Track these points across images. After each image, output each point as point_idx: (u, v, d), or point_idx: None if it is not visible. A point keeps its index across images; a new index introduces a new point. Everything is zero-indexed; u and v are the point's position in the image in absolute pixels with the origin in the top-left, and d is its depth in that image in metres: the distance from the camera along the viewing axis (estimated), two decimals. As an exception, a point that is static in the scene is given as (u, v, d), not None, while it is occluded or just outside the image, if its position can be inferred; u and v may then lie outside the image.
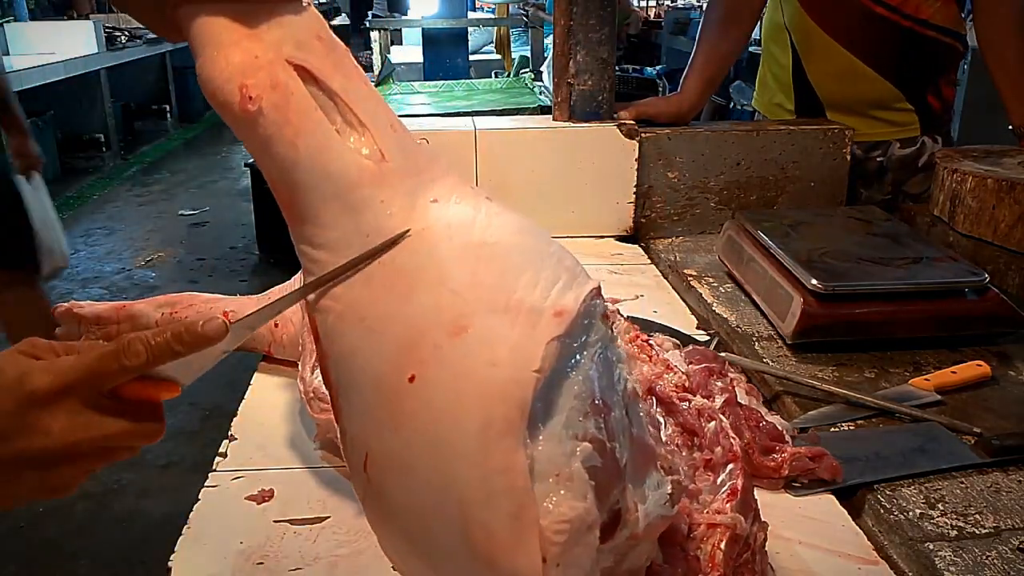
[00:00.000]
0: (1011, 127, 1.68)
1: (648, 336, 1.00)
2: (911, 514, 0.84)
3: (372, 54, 5.18)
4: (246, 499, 0.89)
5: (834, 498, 0.89)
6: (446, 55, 4.80)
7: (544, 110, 2.84)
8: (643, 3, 8.28)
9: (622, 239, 1.70)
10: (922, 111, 1.80)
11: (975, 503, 0.86)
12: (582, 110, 1.67)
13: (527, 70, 4.58)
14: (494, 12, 6.10)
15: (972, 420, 0.99)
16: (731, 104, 5.39)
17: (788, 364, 1.15)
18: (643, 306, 1.37)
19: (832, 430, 0.99)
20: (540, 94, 3.34)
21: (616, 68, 1.78)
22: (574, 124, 1.67)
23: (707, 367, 0.97)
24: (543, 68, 3.98)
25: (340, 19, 11.01)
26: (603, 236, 1.70)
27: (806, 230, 1.36)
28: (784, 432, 0.93)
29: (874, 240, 1.33)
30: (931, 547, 0.79)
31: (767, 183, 1.72)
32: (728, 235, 1.45)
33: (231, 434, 1.01)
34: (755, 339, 1.22)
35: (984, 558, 0.78)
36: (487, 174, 1.63)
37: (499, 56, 5.57)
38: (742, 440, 0.85)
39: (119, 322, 1.12)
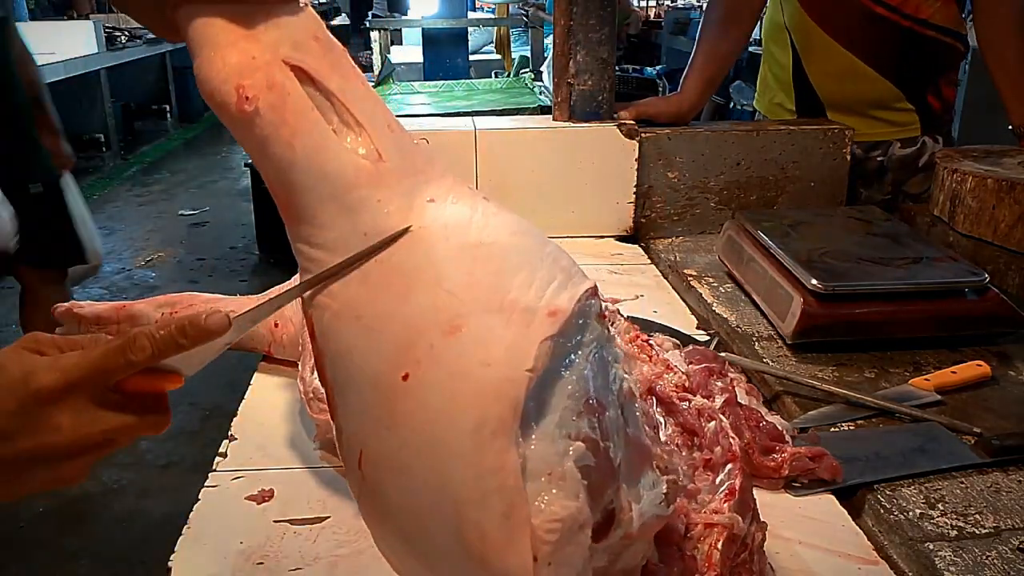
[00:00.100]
0: (1011, 127, 1.69)
1: (648, 336, 1.00)
2: (911, 514, 0.84)
3: (372, 54, 5.18)
4: (246, 499, 0.89)
5: (834, 498, 0.89)
6: (446, 55, 4.80)
7: (544, 110, 2.84)
8: (643, 3, 8.27)
9: (622, 239, 1.70)
10: (923, 111, 1.80)
11: (975, 503, 0.86)
12: (582, 110, 1.67)
13: (527, 70, 4.58)
14: (494, 12, 6.10)
15: (972, 420, 0.99)
16: (731, 104, 5.39)
17: (788, 364, 1.15)
18: (643, 306, 1.37)
19: (832, 430, 0.99)
20: (540, 94, 3.35)
21: (616, 68, 1.78)
22: (574, 124, 1.66)
23: (707, 367, 0.97)
24: (543, 68, 3.98)
25: (340, 19, 11.01)
26: (603, 236, 1.70)
27: (806, 230, 1.36)
28: (784, 432, 0.93)
29: (874, 240, 1.33)
30: (931, 547, 0.79)
31: (767, 183, 1.72)
32: (728, 235, 1.45)
33: (231, 434, 1.01)
34: (755, 339, 1.22)
35: (984, 558, 0.78)
36: (487, 174, 1.63)
37: (499, 56, 5.57)
38: (742, 440, 0.85)
39: (119, 322, 1.12)
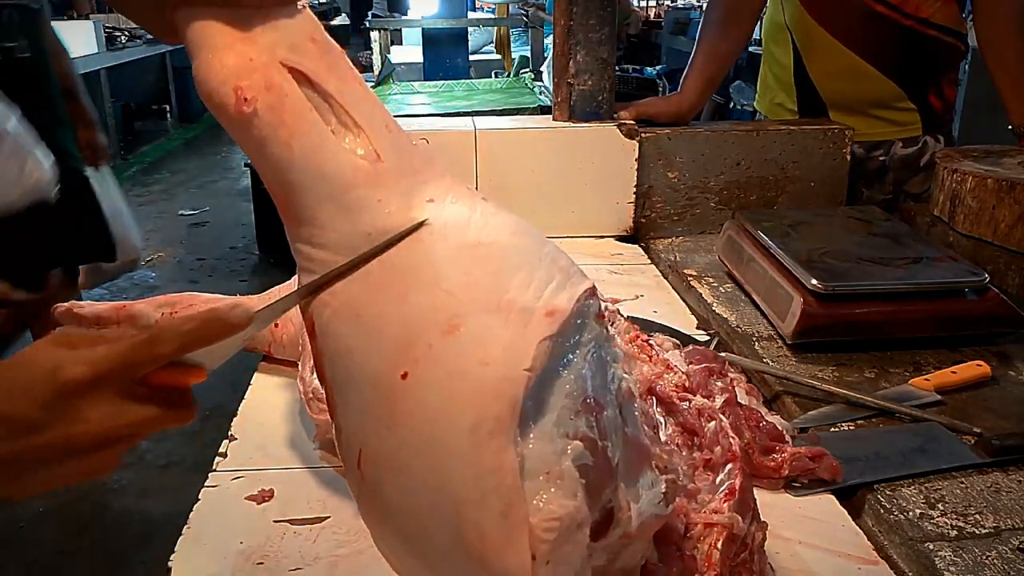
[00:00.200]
0: (1011, 127, 1.69)
1: (648, 336, 1.00)
2: (911, 514, 0.84)
3: (372, 54, 5.19)
4: (246, 499, 0.89)
5: (834, 498, 0.89)
6: (446, 55, 4.81)
7: (544, 110, 2.85)
8: (643, 3, 8.28)
9: (622, 239, 1.69)
10: (924, 110, 1.80)
11: (975, 503, 0.86)
12: (582, 110, 1.67)
13: (527, 70, 4.59)
14: (494, 12, 6.10)
15: (972, 420, 0.99)
16: (731, 104, 5.39)
17: (788, 364, 1.15)
18: (643, 306, 1.37)
19: (832, 430, 0.99)
20: (540, 94, 3.35)
21: (616, 68, 1.78)
22: (574, 124, 1.66)
23: (707, 367, 0.97)
24: (543, 68, 3.98)
25: (340, 19, 11.01)
26: (603, 236, 1.70)
27: (806, 230, 1.36)
28: (784, 432, 0.93)
29: (874, 240, 1.33)
30: (931, 547, 0.79)
31: (767, 183, 1.72)
32: (728, 235, 1.45)
33: (231, 434, 1.01)
34: (755, 339, 1.22)
35: (984, 558, 0.78)
36: (487, 174, 1.63)
37: (499, 56, 5.58)
38: (742, 440, 0.85)
39: (119, 322, 1.11)
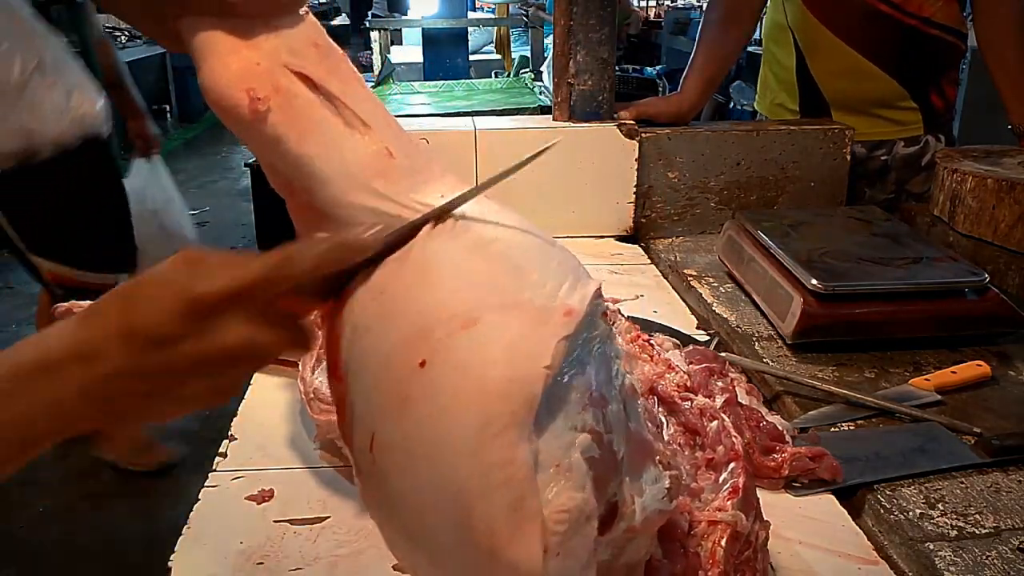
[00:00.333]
0: (1011, 127, 1.69)
1: (648, 336, 1.00)
2: (911, 514, 0.84)
3: (372, 54, 5.19)
4: (246, 499, 0.89)
5: (834, 498, 0.89)
6: (446, 55, 4.81)
7: (544, 110, 2.84)
8: (643, 3, 8.27)
9: (622, 239, 1.69)
10: (926, 110, 1.80)
11: (975, 503, 0.86)
12: (582, 110, 1.67)
13: (527, 70, 4.59)
14: (494, 12, 6.11)
15: (972, 420, 0.99)
16: (731, 104, 5.39)
17: (788, 364, 1.15)
18: (643, 306, 1.37)
19: (832, 430, 0.99)
20: (540, 94, 3.35)
21: (616, 68, 1.78)
22: (574, 124, 1.66)
23: (707, 367, 0.97)
24: (543, 68, 3.98)
25: (340, 19, 11.00)
26: (603, 236, 1.70)
27: (806, 230, 1.36)
28: (784, 432, 0.93)
29: (874, 240, 1.33)
30: (931, 547, 0.79)
31: (767, 183, 1.72)
32: (728, 235, 1.45)
33: (231, 434, 1.01)
34: (755, 339, 1.22)
35: (984, 558, 0.78)
36: (487, 174, 1.60)
37: (499, 56, 5.58)
38: (742, 440, 0.85)
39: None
